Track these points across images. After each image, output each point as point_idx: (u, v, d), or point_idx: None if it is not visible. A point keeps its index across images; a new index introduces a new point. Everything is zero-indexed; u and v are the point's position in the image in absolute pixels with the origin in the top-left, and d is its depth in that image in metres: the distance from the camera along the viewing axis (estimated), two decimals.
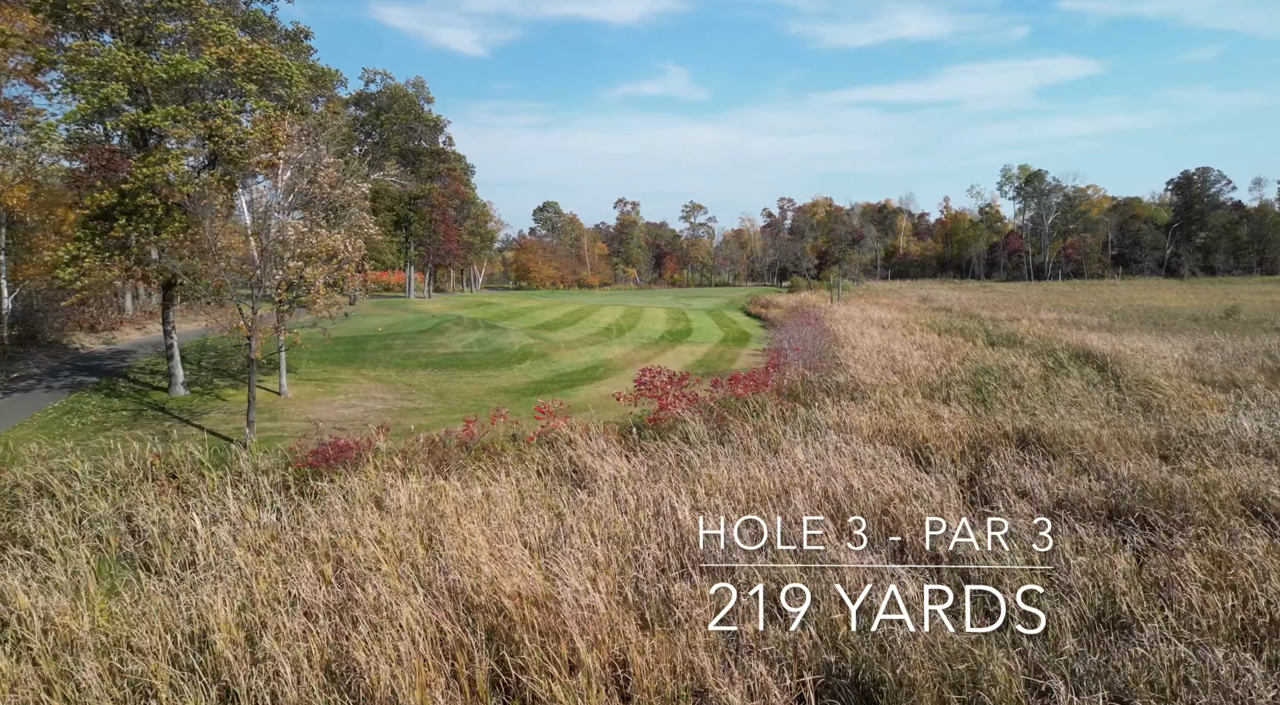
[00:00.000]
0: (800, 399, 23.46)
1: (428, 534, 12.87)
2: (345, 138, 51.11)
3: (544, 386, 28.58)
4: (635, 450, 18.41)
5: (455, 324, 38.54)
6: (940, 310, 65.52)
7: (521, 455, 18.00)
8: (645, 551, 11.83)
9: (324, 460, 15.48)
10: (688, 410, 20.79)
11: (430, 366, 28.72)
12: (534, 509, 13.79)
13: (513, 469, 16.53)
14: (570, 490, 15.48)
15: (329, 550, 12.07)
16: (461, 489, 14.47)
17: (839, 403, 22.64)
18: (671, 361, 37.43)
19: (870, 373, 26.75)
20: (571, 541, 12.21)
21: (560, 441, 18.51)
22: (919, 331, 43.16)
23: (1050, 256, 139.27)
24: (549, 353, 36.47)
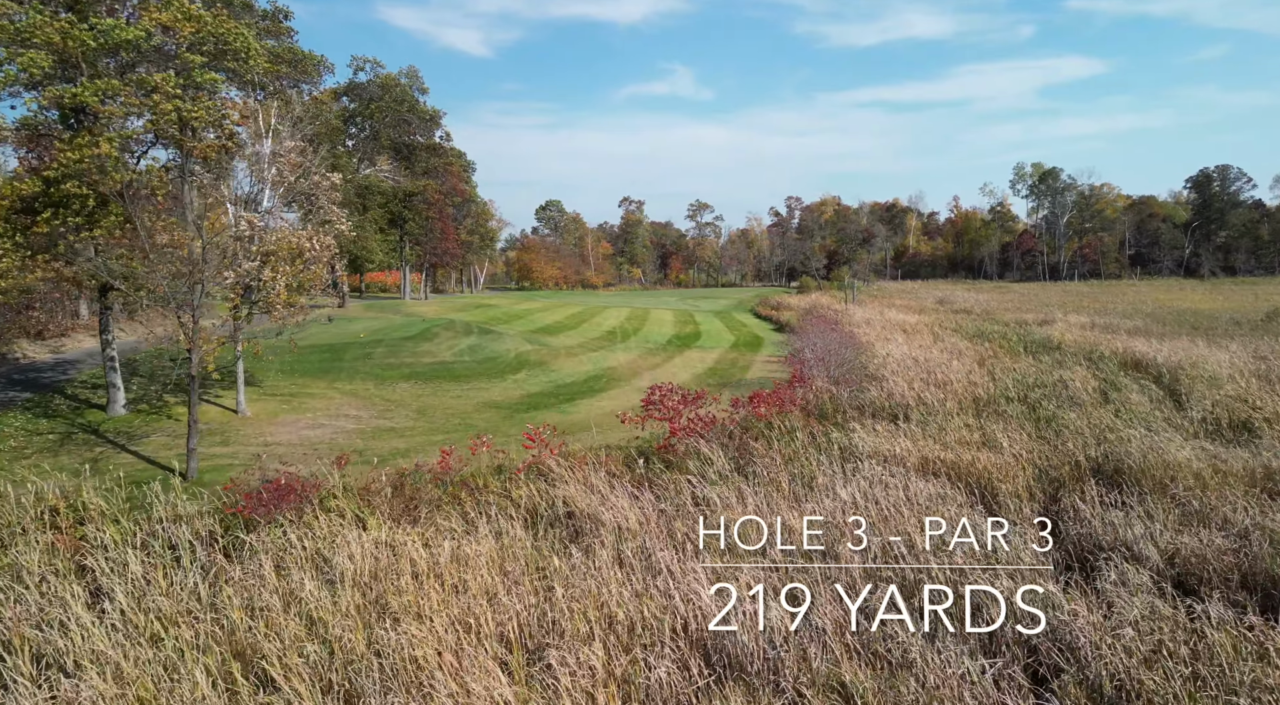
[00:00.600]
0: (831, 418, 20.52)
1: (377, 609, 9.99)
2: (334, 131, 48.34)
3: (540, 400, 25.69)
4: (643, 485, 15.50)
5: (446, 329, 35.68)
6: (961, 312, 62.45)
7: (508, 490, 15.10)
8: (659, 645, 8.92)
9: (260, 505, 12.59)
10: (704, 434, 17.86)
11: (414, 378, 25.91)
12: (517, 574, 10.89)
13: (495, 512, 13.63)
14: (564, 543, 12.60)
15: (243, 639, 9.17)
16: (427, 547, 11.57)
17: (876, 424, 19.70)
18: (680, 370, 34.53)
19: (906, 386, 23.77)
20: (562, 628, 9.30)
21: (554, 473, 15.59)
22: (948, 336, 40.14)
23: (1065, 256, 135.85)
24: (547, 361, 33.56)
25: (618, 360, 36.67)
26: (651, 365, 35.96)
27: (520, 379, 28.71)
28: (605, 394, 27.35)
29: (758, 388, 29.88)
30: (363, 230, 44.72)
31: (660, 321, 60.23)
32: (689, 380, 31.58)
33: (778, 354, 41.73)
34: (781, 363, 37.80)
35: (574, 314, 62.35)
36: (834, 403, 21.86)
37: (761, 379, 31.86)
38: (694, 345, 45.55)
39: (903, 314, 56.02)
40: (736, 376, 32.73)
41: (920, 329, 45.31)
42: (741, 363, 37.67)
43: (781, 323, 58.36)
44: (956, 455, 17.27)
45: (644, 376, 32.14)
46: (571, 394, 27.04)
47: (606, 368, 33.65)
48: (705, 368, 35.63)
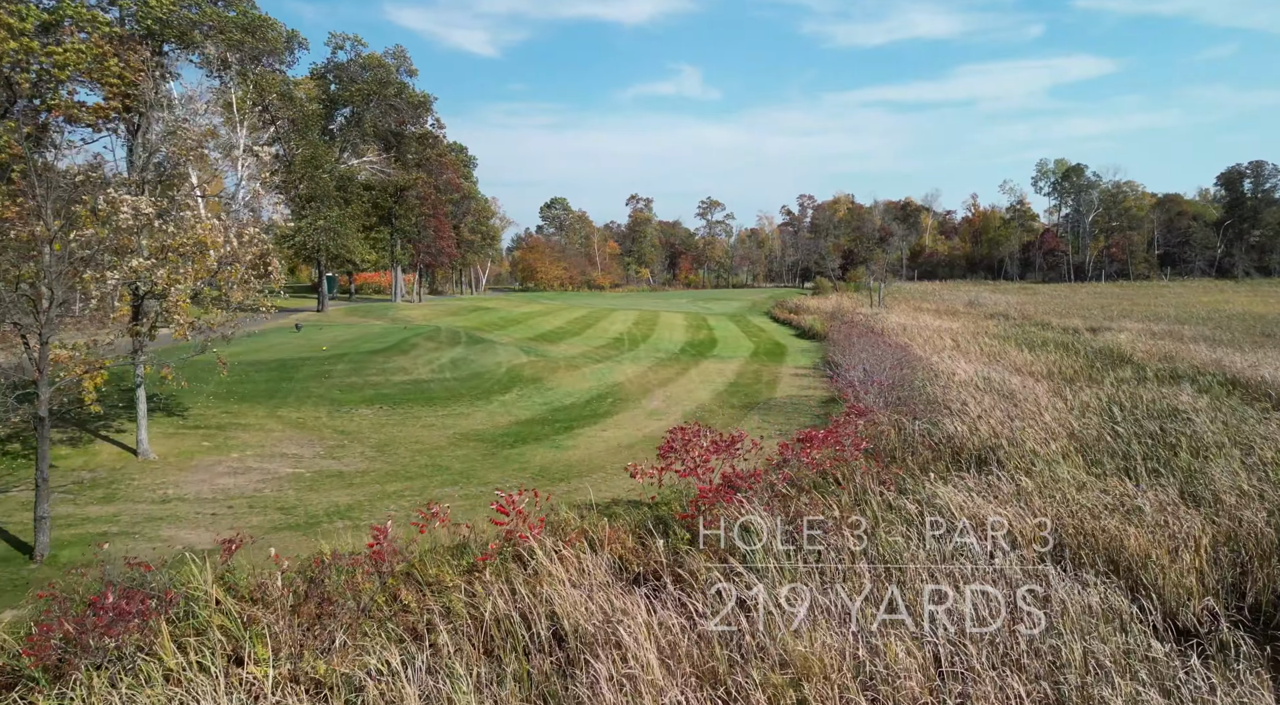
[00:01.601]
0: (902, 462, 15.85)
1: None
2: (310, 117, 43.93)
3: (531, 429, 21.13)
4: (662, 577, 10.94)
5: (428, 340, 31.11)
6: (998, 317, 57.57)
7: (472, 587, 10.54)
8: None
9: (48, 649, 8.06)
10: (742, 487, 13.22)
11: (379, 402, 21.46)
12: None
13: (443, 632, 9.07)
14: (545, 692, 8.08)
15: None
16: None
17: (962, 473, 15.05)
18: (697, 386, 29.93)
19: (982, 414, 19.08)
20: None
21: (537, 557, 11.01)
22: (998, 346, 35.37)
23: (1091, 256, 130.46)
24: (544, 376, 28.99)
25: (625, 374, 32.08)
26: (663, 379, 31.37)
27: (509, 401, 24.13)
28: (610, 420, 22.77)
29: (790, 410, 25.32)
30: (343, 226, 40.33)
31: (671, 326, 55.60)
32: (709, 399, 26.98)
33: (805, 365, 37.09)
34: (813, 376, 33.17)
35: (577, 318, 57.79)
36: (902, 440, 17.20)
37: (793, 398, 27.24)
38: (710, 354, 40.91)
39: (937, 319, 51.24)
40: (763, 395, 28.11)
41: (962, 336, 40.56)
42: (766, 377, 33.01)
43: (804, 328, 53.66)
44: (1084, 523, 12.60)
45: (655, 395, 27.57)
46: (570, 419, 22.47)
47: (612, 384, 29.06)
48: (725, 383, 31.00)
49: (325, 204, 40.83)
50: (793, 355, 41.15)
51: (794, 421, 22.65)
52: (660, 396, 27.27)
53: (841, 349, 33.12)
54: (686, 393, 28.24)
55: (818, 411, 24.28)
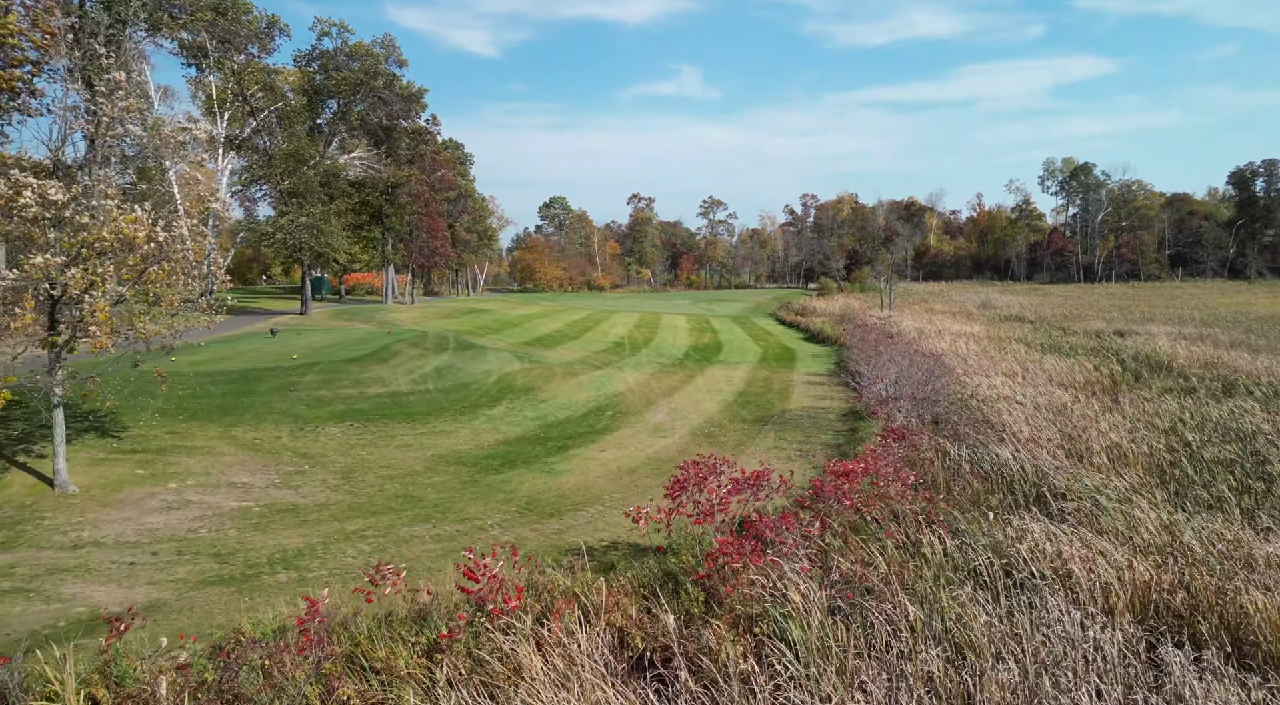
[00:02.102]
0: (947, 494, 13.51)
1: None
2: (295, 111, 41.56)
3: (521, 450, 18.78)
4: (673, 658, 8.60)
5: (413, 345, 28.69)
6: (1015, 320, 55.20)
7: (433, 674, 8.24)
8: None
9: None
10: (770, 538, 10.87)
11: (350, 419, 19.04)
12: None
13: None
14: None
15: None
16: None
17: (1025, 512, 12.71)
18: (704, 396, 27.57)
19: (1036, 437, 16.71)
20: None
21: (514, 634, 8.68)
22: (1024, 352, 32.98)
23: (1100, 256, 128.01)
24: (538, 385, 26.64)
25: (626, 382, 29.74)
26: (667, 388, 29.02)
27: (498, 415, 21.75)
28: (610, 437, 20.41)
29: (809, 425, 22.93)
30: (326, 223, 37.95)
31: (674, 329, 53.26)
32: (717, 412, 24.62)
33: (819, 372, 34.73)
34: (828, 384, 30.82)
35: (576, 321, 55.42)
36: (947, 468, 14.84)
37: (810, 410, 24.87)
38: (715, 360, 38.55)
39: (954, 321, 48.86)
40: (776, 406, 25.75)
41: (985, 341, 38.18)
42: (777, 385, 30.65)
43: (813, 331, 51.27)
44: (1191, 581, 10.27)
45: (659, 407, 25.22)
46: (565, 437, 20.10)
47: (612, 394, 26.72)
48: (734, 392, 28.64)
49: (309, 200, 38.48)
50: (804, 361, 38.78)
51: (814, 439, 20.29)
52: (664, 409, 24.92)
53: (862, 357, 30.72)
54: (693, 404, 25.89)
55: (839, 426, 21.93)
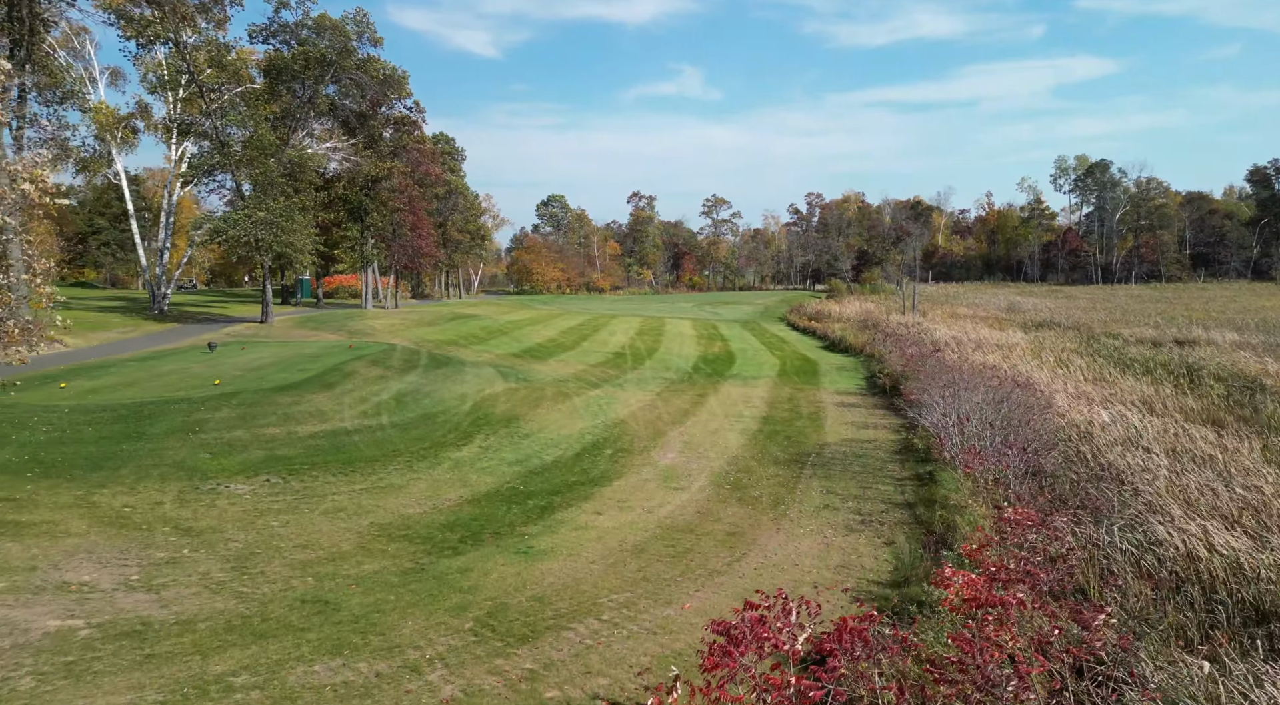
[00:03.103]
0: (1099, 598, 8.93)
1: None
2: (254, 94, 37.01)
3: (490, 515, 14.23)
4: None
5: (375, 363, 23.98)
6: (1050, 326, 50.52)
7: None
8: None
9: None
10: None
11: (268, 469, 14.47)
12: None
13: None
14: None
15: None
16: None
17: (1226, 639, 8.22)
18: (721, 422, 23.07)
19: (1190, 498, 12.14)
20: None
21: None
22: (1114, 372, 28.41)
23: (1118, 256, 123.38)
24: (522, 413, 22.12)
25: (628, 405, 25.25)
26: (677, 413, 24.52)
27: (468, 459, 17.21)
28: (609, 489, 15.89)
29: (858, 468, 18.39)
30: (288, 219, 33.34)
31: (679, 337, 48.70)
32: (741, 447, 20.09)
33: (849, 389, 30.24)
34: (865, 405, 26.32)
35: (573, 328, 50.87)
36: (1093, 562, 10.29)
37: (854, 444, 20.35)
38: (729, 374, 34.03)
39: (988, 328, 44.27)
40: (811, 438, 21.24)
41: (1035, 353, 33.63)
42: (806, 406, 26.15)
43: (832, 339, 46.69)
44: None
45: (669, 440, 20.71)
46: (550, 491, 15.57)
47: (613, 423, 22.22)
48: (756, 417, 24.14)
49: (271, 193, 33.96)
50: (829, 375, 34.25)
51: (873, 492, 15.77)
52: (676, 442, 20.39)
53: (908, 375, 26.11)
54: (709, 435, 21.37)
55: (899, 472, 17.41)
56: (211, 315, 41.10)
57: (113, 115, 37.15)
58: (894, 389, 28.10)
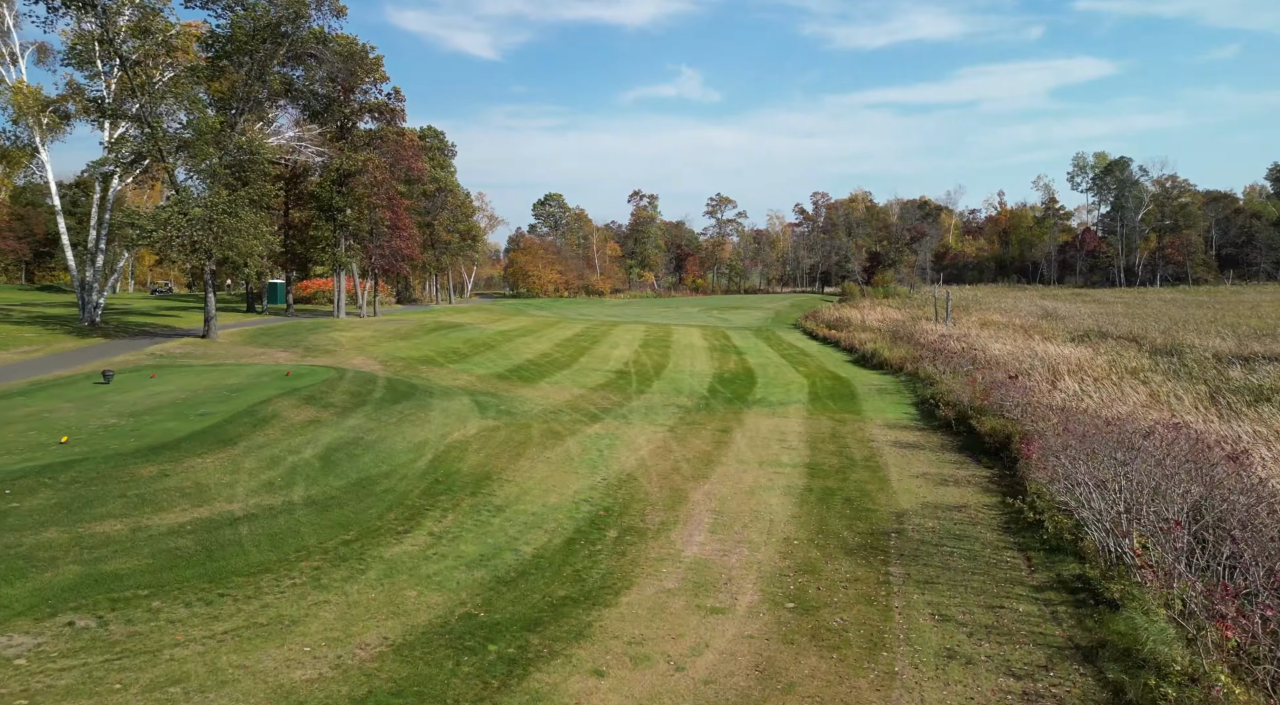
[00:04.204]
0: None
1: None
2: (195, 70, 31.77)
3: (422, 678, 8.97)
4: None
5: (308, 400, 18.56)
6: (1100, 336, 45.18)
7: None
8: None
9: None
10: None
11: (79, 597, 9.31)
12: None
13: None
14: None
15: None
16: None
17: None
18: (757, 473, 17.86)
19: None
20: None
21: None
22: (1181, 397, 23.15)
23: (1141, 257, 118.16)
24: (497, 470, 16.88)
25: (636, 447, 20.05)
26: (698, 458, 19.32)
27: (407, 559, 11.96)
28: (615, 611, 10.70)
29: (967, 564, 12.81)
30: (234, 216, 27.98)
31: (689, 349, 43.41)
32: (790, 520, 14.87)
33: (901, 419, 25.05)
34: (930, 443, 21.12)
35: (569, 339, 45.57)
36: None
37: (941, 513, 15.12)
38: (752, 399, 28.80)
39: (1042, 341, 38.96)
40: (880, 503, 16.04)
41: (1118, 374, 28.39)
42: (857, 448, 20.94)
43: (861, 352, 41.38)
44: None
45: (694, 505, 15.53)
46: (526, 624, 10.30)
47: (617, 480, 16.99)
48: (799, 465, 18.94)
49: (211, 186, 28.77)
50: (869, 399, 29.00)
51: (1009, 615, 10.53)
52: (703, 511, 15.16)
53: (996, 414, 20.72)
54: (745, 497, 16.15)
55: (1028, 572, 12.17)
56: (153, 328, 35.78)
57: (34, 97, 32.09)
58: (962, 422, 22.88)
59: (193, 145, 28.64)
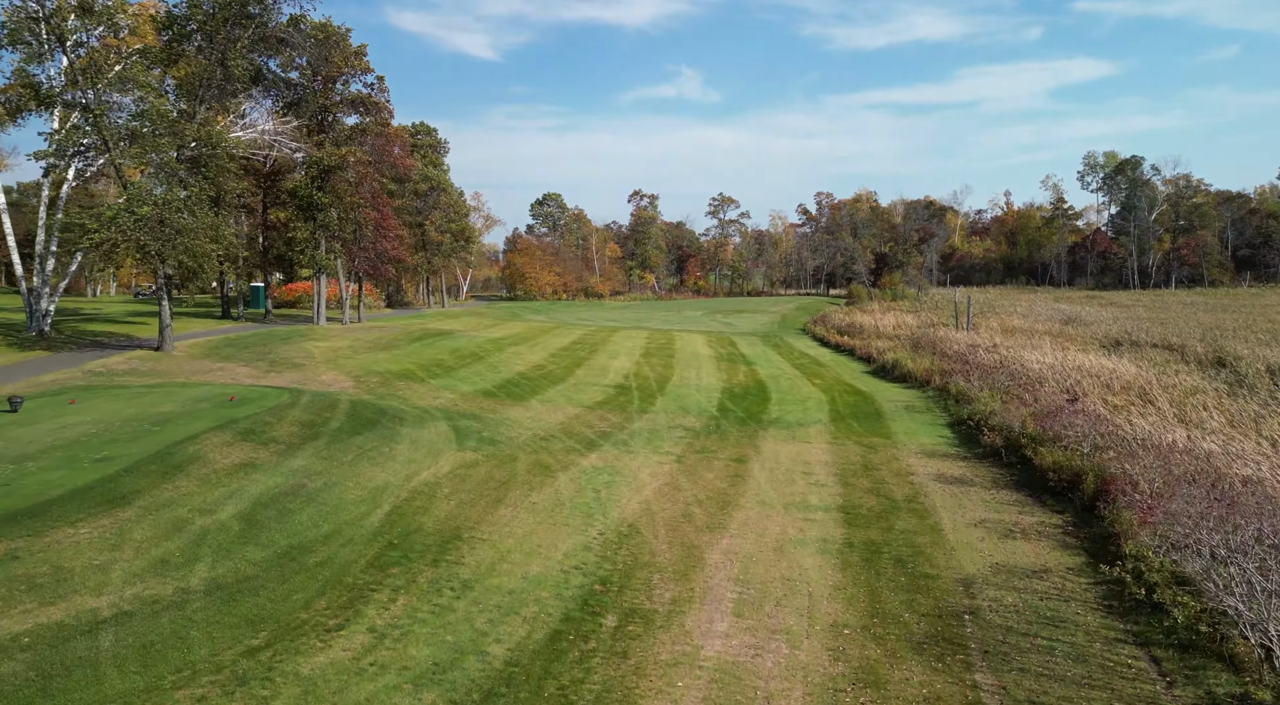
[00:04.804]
0: None
1: None
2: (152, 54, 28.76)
3: None
4: None
5: (245, 436, 15.26)
6: (1131, 344, 42.13)
7: None
8: None
9: None
10: None
11: None
12: None
13: None
14: None
15: None
16: None
17: None
18: (780, 517, 14.93)
19: None
20: None
21: None
22: None
23: (1155, 259, 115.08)
24: (470, 523, 13.87)
25: (639, 486, 17.09)
26: (712, 499, 16.36)
27: (332, 675, 8.98)
28: None
29: (1061, 650, 9.82)
30: (192, 215, 24.83)
31: (695, 359, 40.35)
32: (829, 587, 11.99)
33: (939, 444, 22.09)
34: (981, 479, 18.16)
35: (566, 348, 42.52)
36: None
37: (1015, 577, 12.21)
38: (767, 418, 25.79)
39: (1076, 350, 35.90)
40: (939, 563, 13.10)
41: (1170, 393, 25.36)
42: (896, 484, 17.97)
43: (879, 361, 38.30)
44: None
45: (711, 571, 12.63)
46: None
47: (616, 535, 14.01)
48: (832, 508, 16.00)
49: (168, 183, 25.67)
50: (898, 419, 25.99)
51: None
52: (723, 581, 12.21)
53: (1061, 445, 17.61)
54: (774, 562, 13.17)
55: (1162, 686, 9.15)
56: (109, 338, 32.72)
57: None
58: (1013, 451, 19.88)
59: (142, 137, 25.63)
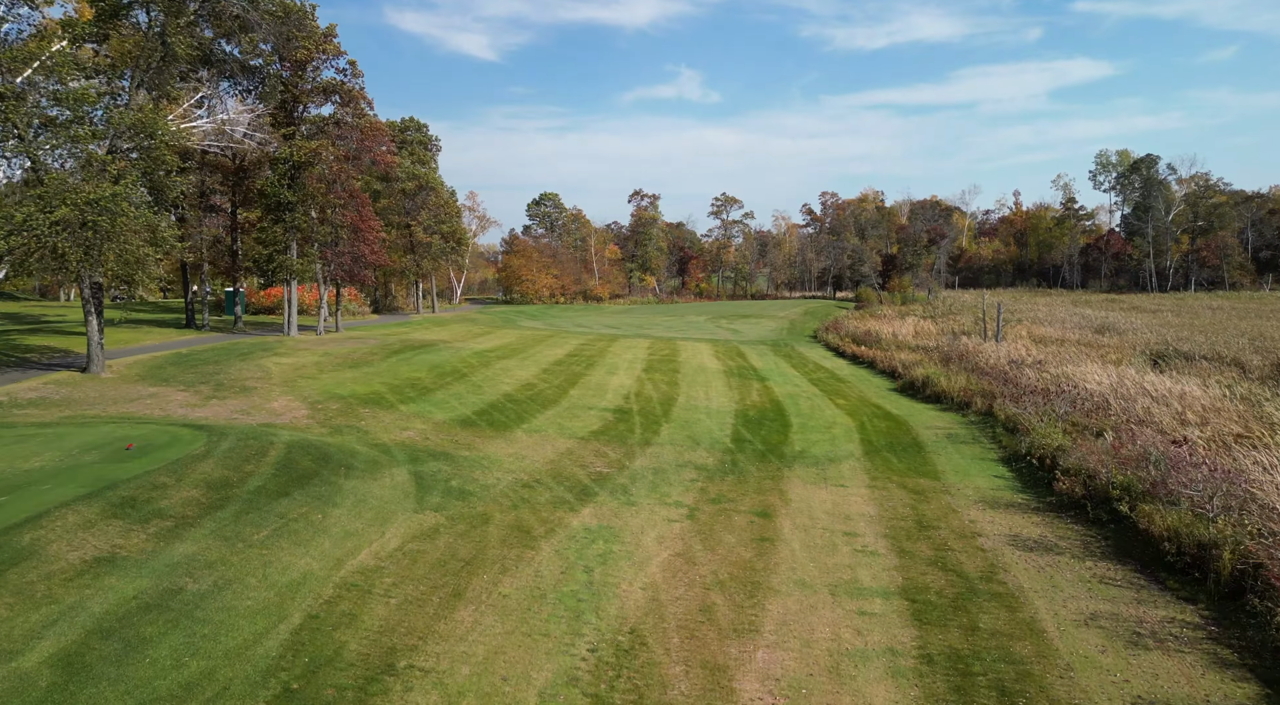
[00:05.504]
0: None
1: None
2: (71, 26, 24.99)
3: None
4: None
5: (122, 509, 11.26)
6: (1176, 356, 38.35)
7: None
8: None
9: None
10: None
11: None
12: None
13: None
14: None
15: None
16: None
17: None
18: (830, 614, 11.33)
19: None
20: None
21: None
22: None
23: (1173, 260, 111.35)
24: (412, 640, 10.20)
25: (643, 562, 13.50)
26: (736, 582, 12.79)
27: None
28: None
29: None
30: (117, 214, 21.17)
31: (702, 374, 36.58)
32: None
33: (1002, 490, 18.45)
34: (1063, 543, 14.45)
35: (559, 361, 38.75)
36: None
37: None
38: (790, 453, 22.05)
39: (1140, 371, 32.16)
40: (1060, 697, 9.25)
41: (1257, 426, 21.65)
42: (965, 556, 14.34)
43: (905, 376, 34.49)
44: None
45: None
46: None
47: (612, 648, 10.45)
48: (888, 597, 12.38)
49: (94, 176, 22.03)
50: (941, 451, 22.29)
51: None
52: None
53: (1171, 502, 13.88)
54: (833, 695, 9.45)
55: None
56: (41, 354, 28.96)
57: None
58: (1101, 504, 16.20)
59: (57, 124, 21.97)
